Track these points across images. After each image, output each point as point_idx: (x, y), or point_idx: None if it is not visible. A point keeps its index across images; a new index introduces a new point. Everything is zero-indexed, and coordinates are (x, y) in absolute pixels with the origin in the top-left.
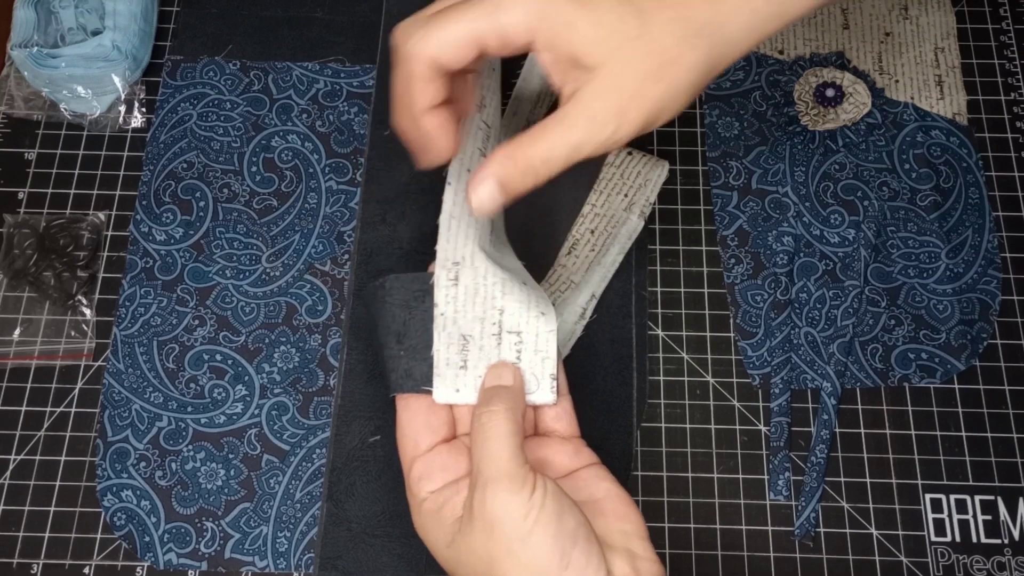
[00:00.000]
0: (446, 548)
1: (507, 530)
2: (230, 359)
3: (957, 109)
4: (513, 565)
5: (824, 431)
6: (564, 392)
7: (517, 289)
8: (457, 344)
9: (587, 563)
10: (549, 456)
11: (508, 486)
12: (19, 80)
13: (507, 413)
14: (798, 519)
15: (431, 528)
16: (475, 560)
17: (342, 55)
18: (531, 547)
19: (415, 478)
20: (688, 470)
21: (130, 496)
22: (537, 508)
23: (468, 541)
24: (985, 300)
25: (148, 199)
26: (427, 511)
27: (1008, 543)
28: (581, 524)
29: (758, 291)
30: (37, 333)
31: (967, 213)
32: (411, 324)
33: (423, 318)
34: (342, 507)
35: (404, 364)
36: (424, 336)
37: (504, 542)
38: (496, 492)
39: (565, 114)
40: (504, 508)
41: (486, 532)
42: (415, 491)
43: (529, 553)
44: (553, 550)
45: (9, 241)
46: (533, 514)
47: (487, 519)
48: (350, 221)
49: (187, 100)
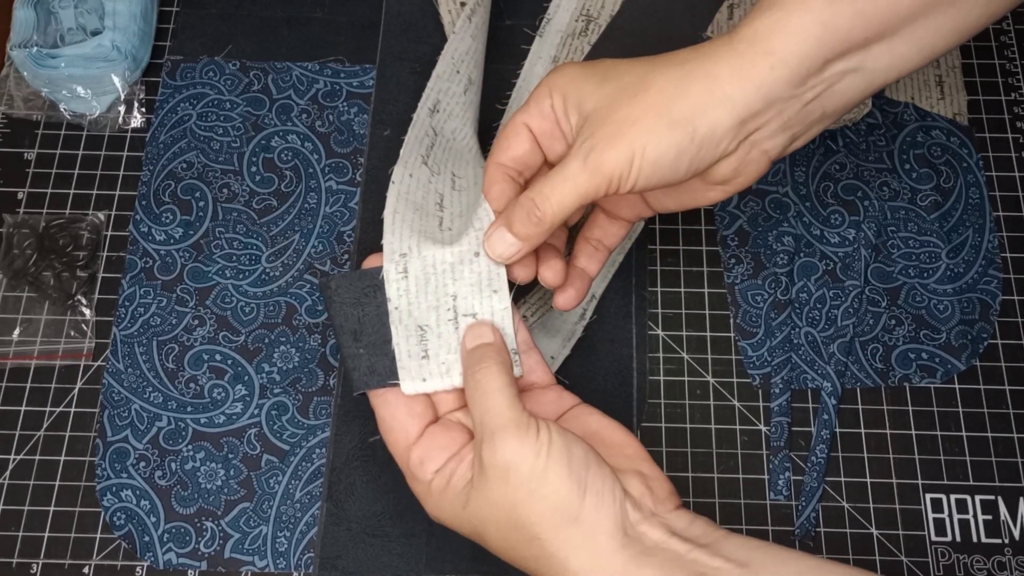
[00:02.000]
0: (463, 510)
1: (523, 472)
2: (230, 359)
3: (957, 109)
4: (535, 503)
5: (824, 431)
6: (531, 345)
7: (467, 271)
8: (415, 335)
9: (603, 485)
10: (535, 407)
11: (515, 431)
12: (19, 80)
13: (498, 367)
14: (798, 519)
15: (445, 503)
16: (496, 510)
17: (342, 55)
18: (549, 482)
19: (416, 463)
20: (688, 470)
21: (130, 496)
22: (546, 445)
23: (484, 494)
24: (985, 300)
25: (148, 199)
26: (437, 489)
27: (1008, 543)
28: (588, 451)
29: (758, 291)
30: (37, 333)
31: (967, 213)
32: (365, 321)
33: (377, 313)
34: (342, 507)
35: (366, 361)
36: (381, 331)
37: (522, 484)
38: (505, 439)
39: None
40: (516, 453)
41: (502, 480)
42: (420, 476)
43: (549, 488)
44: (570, 479)
45: (9, 241)
46: (543, 451)
47: (500, 467)
48: (350, 221)
49: (187, 100)
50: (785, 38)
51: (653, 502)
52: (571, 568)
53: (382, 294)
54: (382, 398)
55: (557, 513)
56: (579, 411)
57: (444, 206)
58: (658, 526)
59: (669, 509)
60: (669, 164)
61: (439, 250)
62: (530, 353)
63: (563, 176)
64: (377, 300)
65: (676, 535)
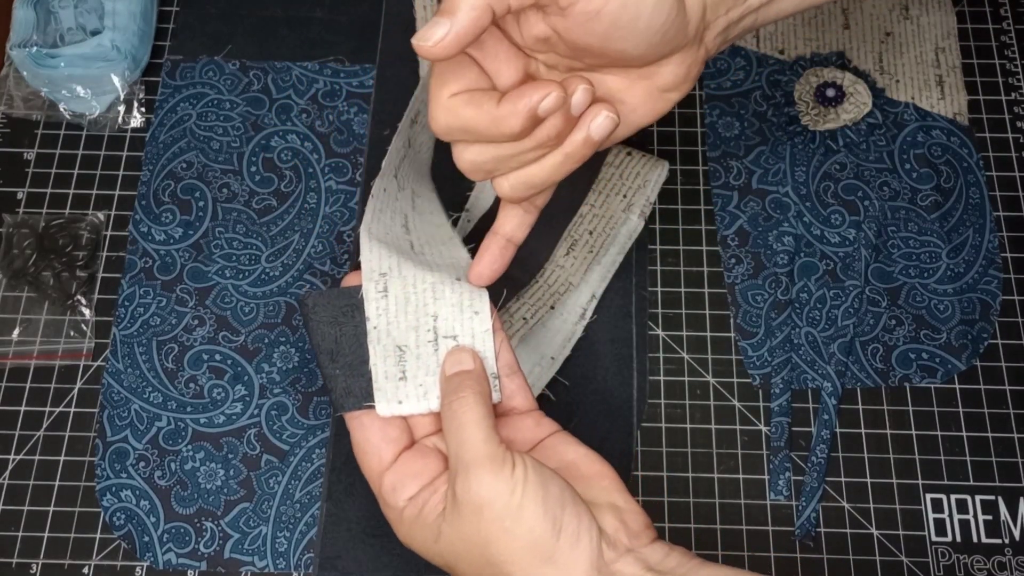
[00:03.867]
0: (435, 544)
1: (497, 509)
2: (229, 359)
3: (958, 109)
4: (508, 541)
5: (824, 431)
6: (515, 369)
7: (448, 291)
8: (393, 356)
9: (579, 524)
10: (511, 434)
11: (490, 467)
12: (18, 80)
13: (475, 397)
14: (799, 519)
15: (416, 532)
16: (468, 546)
17: (342, 55)
18: (524, 520)
19: (388, 490)
20: (688, 470)
21: (129, 496)
22: (521, 483)
23: (457, 529)
24: (986, 300)
25: (147, 199)
26: (408, 518)
27: (1009, 543)
28: (565, 488)
29: (758, 291)
30: (36, 333)
31: (968, 213)
32: (343, 341)
33: (355, 333)
34: (342, 507)
35: (342, 383)
36: (358, 351)
37: (496, 521)
38: (480, 475)
39: None
40: (490, 489)
41: (475, 515)
42: (391, 502)
43: (523, 526)
44: (545, 519)
45: (8, 241)
46: (519, 489)
47: (474, 503)
48: (350, 221)
49: (186, 100)
50: None
51: (628, 537)
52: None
53: (360, 314)
54: (357, 420)
55: (530, 552)
56: (556, 440)
57: (410, 228)
58: (632, 563)
59: (644, 543)
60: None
61: (420, 270)
62: (513, 377)
63: None
64: (355, 320)
65: (651, 570)
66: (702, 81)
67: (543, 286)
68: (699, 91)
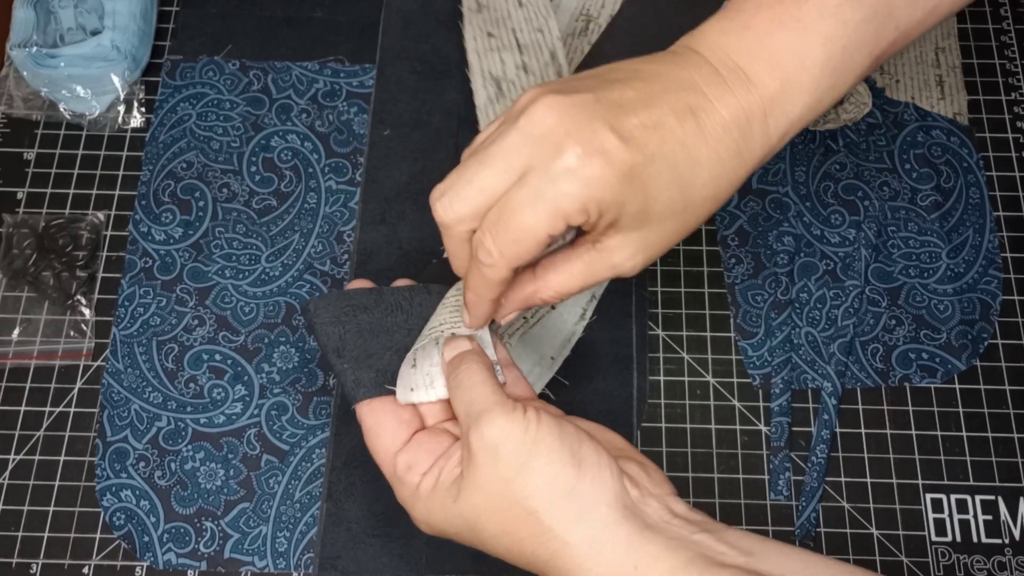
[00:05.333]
0: (454, 504)
1: (511, 447)
2: (229, 359)
3: (958, 109)
4: (528, 477)
5: (824, 431)
6: (510, 362)
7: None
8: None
9: (598, 458)
10: None
11: (500, 411)
12: (18, 80)
13: (478, 365)
14: (799, 519)
15: (435, 503)
16: (487, 495)
17: (342, 55)
18: (540, 454)
19: (404, 468)
20: (688, 470)
21: (129, 496)
22: (535, 422)
23: (474, 480)
24: (986, 300)
25: (147, 199)
26: (425, 490)
27: (1009, 543)
28: (580, 430)
29: (758, 291)
30: (36, 333)
31: (968, 213)
32: (347, 337)
33: (357, 330)
34: (342, 507)
35: (352, 376)
36: (362, 345)
37: (512, 458)
38: (491, 419)
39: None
40: (503, 431)
41: (491, 459)
42: (406, 480)
43: (540, 460)
44: (563, 451)
45: (8, 241)
46: (532, 426)
47: (489, 447)
48: (350, 221)
49: (186, 100)
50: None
51: (651, 485)
52: (571, 542)
53: (363, 314)
54: (368, 407)
55: (551, 484)
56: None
57: None
58: (659, 507)
59: (668, 492)
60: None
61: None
62: (510, 369)
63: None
64: (357, 319)
65: (678, 517)
66: None
67: None
68: None
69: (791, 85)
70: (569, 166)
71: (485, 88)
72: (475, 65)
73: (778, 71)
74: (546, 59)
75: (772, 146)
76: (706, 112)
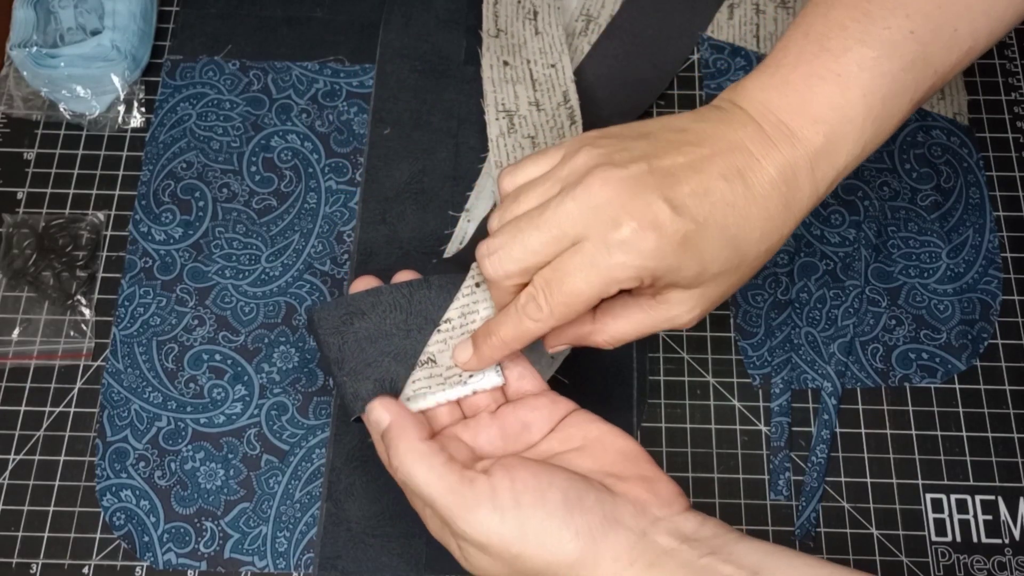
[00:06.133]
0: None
1: (497, 543)
2: (229, 359)
3: (958, 109)
4: (525, 563)
5: (824, 431)
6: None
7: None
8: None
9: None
10: (527, 416)
11: (465, 511)
12: (18, 80)
13: (410, 453)
14: (799, 519)
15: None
16: (497, 570)
17: (342, 55)
18: (531, 542)
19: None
20: (688, 470)
21: (129, 496)
22: (513, 508)
23: (477, 563)
24: (986, 300)
25: (147, 199)
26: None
27: (1009, 543)
28: (569, 487)
29: (758, 291)
30: (36, 333)
31: (968, 213)
32: (345, 349)
33: (355, 339)
34: (342, 507)
35: (350, 388)
36: (361, 357)
37: (503, 553)
38: (464, 522)
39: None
40: (479, 529)
41: (484, 552)
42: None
43: (532, 548)
44: (552, 526)
45: (8, 241)
46: (510, 514)
47: (476, 544)
48: (350, 221)
49: (186, 100)
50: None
51: (659, 506)
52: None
53: (360, 321)
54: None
55: (551, 565)
56: (577, 418)
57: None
58: (665, 533)
59: (676, 512)
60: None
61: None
62: (516, 362)
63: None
64: (355, 327)
65: (687, 540)
66: (702, 81)
67: None
68: (699, 91)
69: (836, 137)
70: (624, 238)
71: (498, 121)
72: (489, 96)
73: (822, 125)
74: (559, 99)
75: (820, 195)
76: (753, 171)
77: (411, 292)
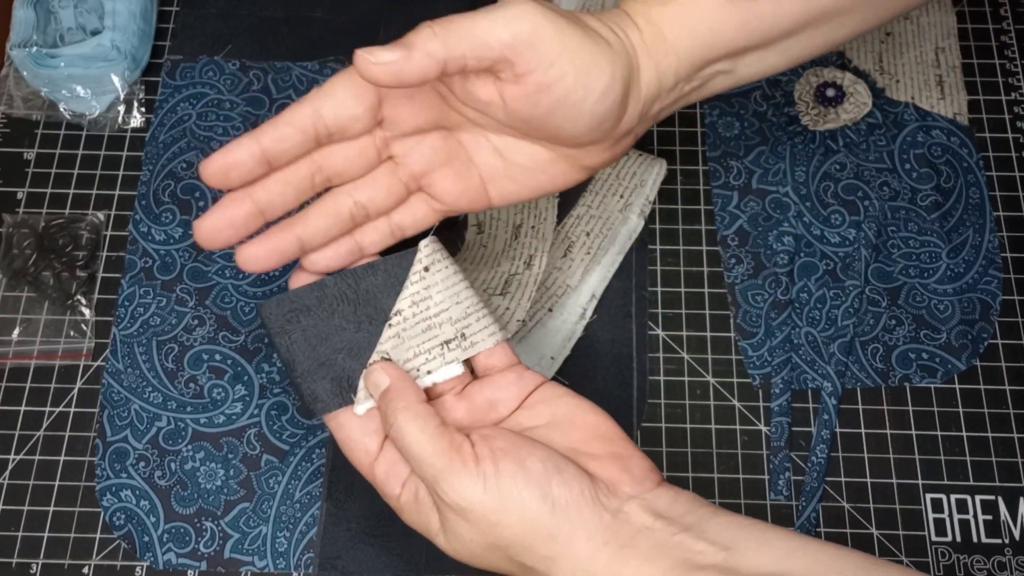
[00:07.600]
0: (438, 537)
1: (478, 509)
2: (229, 359)
3: (958, 109)
4: (503, 532)
5: (824, 431)
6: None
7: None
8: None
9: (569, 492)
10: (494, 394)
11: (451, 475)
12: (18, 80)
13: (406, 412)
14: (799, 519)
15: (418, 520)
16: (469, 543)
17: (342, 55)
18: (510, 511)
19: (382, 480)
20: (688, 470)
21: (129, 496)
22: (493, 475)
23: (453, 531)
24: (986, 300)
25: (147, 199)
26: (406, 504)
27: (1009, 543)
28: (547, 459)
29: (758, 291)
30: (36, 333)
31: (968, 213)
32: (294, 348)
33: (304, 338)
34: (342, 507)
35: (307, 388)
36: (313, 356)
37: (482, 519)
38: (448, 485)
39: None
40: (462, 494)
41: (463, 518)
42: (388, 492)
43: (511, 517)
44: (532, 497)
45: (8, 241)
46: (492, 483)
47: (455, 509)
48: None
49: (186, 100)
50: (680, 31)
51: (631, 483)
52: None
53: (306, 318)
54: (335, 421)
55: (528, 536)
56: (546, 393)
57: None
58: (639, 510)
59: (649, 488)
60: (601, 87)
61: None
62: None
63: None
64: (301, 324)
65: (660, 517)
66: None
67: (540, 289)
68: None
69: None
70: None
71: None
72: None
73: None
74: None
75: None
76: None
77: (356, 281)
